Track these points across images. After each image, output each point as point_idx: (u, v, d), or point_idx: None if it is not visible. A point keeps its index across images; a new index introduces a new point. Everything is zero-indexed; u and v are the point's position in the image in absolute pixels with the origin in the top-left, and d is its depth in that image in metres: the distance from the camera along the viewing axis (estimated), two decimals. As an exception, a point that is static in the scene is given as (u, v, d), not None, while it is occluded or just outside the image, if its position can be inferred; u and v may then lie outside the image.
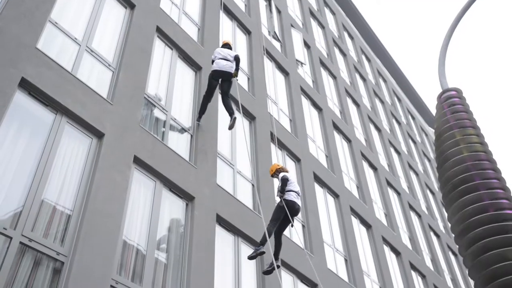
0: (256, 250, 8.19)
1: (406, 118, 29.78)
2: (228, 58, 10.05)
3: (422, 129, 32.23)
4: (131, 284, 7.22)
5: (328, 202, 14.58)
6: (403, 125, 27.73)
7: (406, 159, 24.61)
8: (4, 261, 5.75)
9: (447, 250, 22.93)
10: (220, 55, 10.08)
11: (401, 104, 30.45)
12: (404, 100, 31.39)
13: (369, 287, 14.08)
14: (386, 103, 26.79)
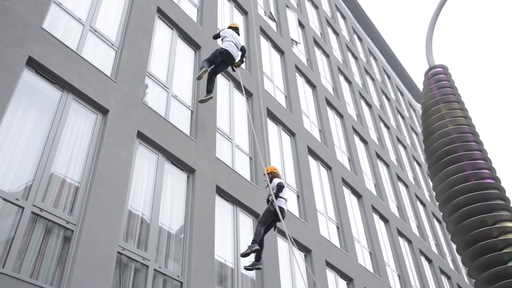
0: (251, 248, 7.92)
1: (395, 95, 29.69)
2: (237, 45, 9.72)
3: (410, 105, 32.17)
4: (136, 250, 7.30)
5: (321, 173, 14.65)
6: (392, 101, 27.67)
7: (395, 133, 24.64)
8: (18, 230, 5.81)
9: (432, 217, 23.16)
10: (232, 39, 9.70)
11: (391, 81, 30.32)
12: (393, 78, 31.24)
13: (359, 252, 14.25)
14: (377, 80, 26.67)
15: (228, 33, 9.86)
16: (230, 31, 9.94)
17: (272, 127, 13.24)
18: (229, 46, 9.45)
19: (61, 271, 6.08)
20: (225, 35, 9.84)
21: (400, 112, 28.26)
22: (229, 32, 9.90)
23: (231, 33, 9.87)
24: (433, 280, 18.92)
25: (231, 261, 9.23)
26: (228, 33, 9.86)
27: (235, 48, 9.59)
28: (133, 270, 7.17)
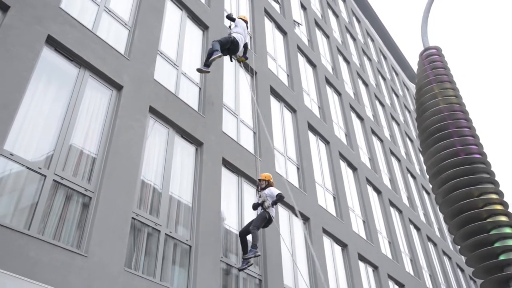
0: (254, 252, 7.86)
1: (391, 74, 29.45)
2: (244, 38, 9.68)
3: (404, 84, 31.93)
4: (149, 216, 7.40)
5: (320, 148, 14.68)
6: (387, 81, 27.46)
7: (389, 110, 24.54)
8: (41, 196, 5.89)
9: (421, 189, 23.29)
10: (243, 33, 9.63)
11: (386, 62, 30.03)
12: (389, 58, 30.92)
13: (354, 220, 14.40)
14: (373, 61, 26.41)
15: (241, 26, 9.76)
16: (244, 25, 9.84)
17: (274, 103, 13.21)
18: (240, 39, 9.45)
19: (81, 234, 6.19)
20: (238, 25, 9.74)
21: (394, 91, 28.08)
22: (243, 26, 9.79)
23: (244, 27, 9.78)
24: (420, 246, 19.16)
25: (236, 227, 9.35)
26: (241, 26, 9.76)
27: (242, 42, 9.59)
28: (146, 234, 7.29)
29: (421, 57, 9.79)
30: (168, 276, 7.29)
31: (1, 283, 4.87)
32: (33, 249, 5.34)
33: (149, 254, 7.17)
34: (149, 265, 7.07)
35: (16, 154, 5.83)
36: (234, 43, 9.35)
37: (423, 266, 18.21)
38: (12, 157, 5.77)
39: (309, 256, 11.09)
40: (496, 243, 7.57)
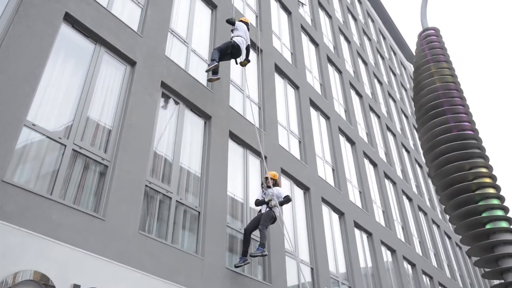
0: (262, 251, 7.55)
1: (389, 54, 29.04)
2: (246, 41, 9.21)
3: (402, 64, 31.52)
4: (161, 184, 7.47)
5: (320, 122, 14.65)
6: (386, 60, 27.10)
7: (387, 88, 24.33)
8: (61, 164, 5.95)
9: (414, 163, 23.32)
10: (244, 35, 9.14)
11: (385, 42, 29.56)
12: (388, 38, 30.43)
13: (351, 190, 14.50)
14: (373, 40, 26.01)
15: (242, 29, 9.29)
16: (244, 27, 9.37)
17: (278, 80, 13.11)
18: (241, 42, 8.98)
19: (99, 199, 6.27)
20: (239, 28, 9.27)
21: (392, 69, 27.76)
22: (243, 28, 9.32)
23: (244, 30, 9.31)
24: (411, 215, 19.33)
25: (241, 196, 9.44)
26: (242, 29, 9.29)
27: (244, 45, 9.12)
28: (158, 200, 7.38)
29: (419, 37, 9.65)
30: (178, 239, 7.42)
31: (27, 242, 4.98)
32: (55, 212, 5.44)
33: (161, 219, 7.28)
34: (161, 228, 7.19)
35: (38, 125, 5.86)
36: (235, 47, 8.92)
37: (413, 233, 18.42)
38: (34, 127, 5.81)
39: (308, 223, 11.22)
40: (484, 213, 7.65)
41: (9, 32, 5.83)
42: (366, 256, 13.66)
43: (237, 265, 7.58)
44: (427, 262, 18.15)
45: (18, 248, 4.86)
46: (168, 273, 6.57)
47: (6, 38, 5.75)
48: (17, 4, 6.12)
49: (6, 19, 5.94)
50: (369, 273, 13.40)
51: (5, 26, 5.89)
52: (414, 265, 16.76)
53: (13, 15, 5.99)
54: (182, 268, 6.87)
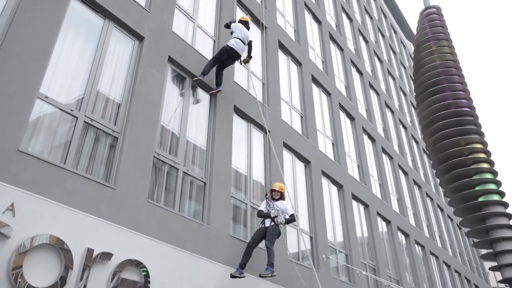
0: (271, 271, 6.87)
1: (389, 32, 28.53)
2: (244, 40, 8.67)
3: (402, 42, 31.01)
4: (169, 156, 7.49)
5: (322, 99, 14.54)
6: (386, 38, 26.65)
7: (386, 66, 24.02)
8: (73, 135, 5.95)
9: (411, 139, 23.27)
10: (239, 35, 8.64)
11: (386, 20, 28.99)
12: (389, 17, 29.82)
13: (349, 164, 14.53)
14: (374, 19, 25.50)
15: (237, 28, 8.83)
16: (239, 26, 8.90)
17: (282, 57, 12.94)
18: (234, 43, 8.48)
19: (109, 169, 6.30)
20: (234, 29, 8.83)
21: (392, 48, 27.33)
22: (238, 27, 8.86)
23: (240, 28, 8.83)
24: (407, 189, 19.43)
25: (245, 169, 9.47)
26: (237, 28, 8.83)
27: (241, 45, 8.59)
28: (166, 171, 7.41)
29: (421, 15, 9.45)
30: (185, 208, 7.48)
31: (43, 208, 5.04)
32: (69, 181, 5.47)
33: (169, 188, 7.33)
34: (169, 198, 7.24)
35: (50, 97, 5.83)
36: (230, 51, 8.46)
37: (408, 206, 18.56)
38: (47, 100, 5.78)
39: (308, 194, 11.30)
40: (477, 187, 7.66)
41: (20, 8, 5.72)
42: (363, 226, 13.80)
43: (233, 275, 6.88)
44: (420, 233, 18.36)
45: (34, 214, 4.92)
46: (176, 239, 6.67)
47: (17, 14, 5.65)
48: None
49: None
50: (365, 242, 13.58)
51: (16, 1, 5.77)
52: (407, 235, 16.96)
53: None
54: (188, 235, 6.96)
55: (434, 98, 8.27)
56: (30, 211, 4.88)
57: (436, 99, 8.26)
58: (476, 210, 7.73)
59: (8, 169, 4.88)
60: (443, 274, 19.42)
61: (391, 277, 14.16)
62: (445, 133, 8.03)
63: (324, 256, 10.53)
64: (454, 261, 21.78)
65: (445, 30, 8.96)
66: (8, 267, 4.52)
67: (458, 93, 8.21)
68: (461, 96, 8.26)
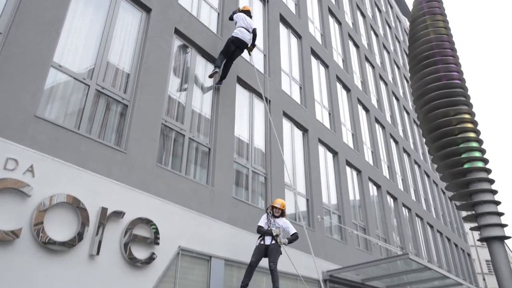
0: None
1: (386, 7, 27.77)
2: (248, 29, 8.33)
3: (397, 17, 30.24)
4: (175, 123, 7.47)
5: (320, 70, 14.34)
6: (382, 13, 25.98)
7: (382, 40, 23.54)
8: (86, 102, 5.90)
9: (402, 110, 23.13)
10: (243, 24, 8.32)
11: (383, -5, 28.18)
12: (386, -8, 28.97)
13: (344, 133, 14.52)
14: (371, -6, 24.78)
15: (240, 18, 8.52)
16: (241, 15, 8.58)
17: (283, 30, 12.66)
18: (239, 33, 8.17)
19: (120, 135, 6.29)
20: (237, 19, 8.53)
21: (388, 22, 26.69)
22: (241, 16, 8.54)
23: (242, 17, 8.51)
24: (397, 156, 19.51)
25: (247, 137, 9.46)
26: (240, 18, 8.52)
27: (246, 33, 8.26)
28: (173, 137, 7.41)
29: (418, -10, 9.15)
30: (191, 171, 7.54)
31: (60, 170, 5.07)
32: (83, 145, 5.48)
33: (176, 153, 7.35)
34: (176, 162, 7.28)
35: (64, 66, 5.74)
36: (236, 41, 8.16)
37: (397, 172, 18.69)
38: (61, 68, 5.69)
39: (305, 160, 11.36)
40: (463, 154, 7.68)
41: (32, -23, 5.53)
42: (355, 190, 13.96)
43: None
44: (407, 196, 18.60)
45: (52, 175, 4.96)
46: (182, 200, 6.75)
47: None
48: (38, -51, 5.75)
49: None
50: (357, 205, 13.77)
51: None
52: (396, 198, 17.18)
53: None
54: (194, 196, 7.05)
55: (427, 70, 8.14)
56: (48, 173, 4.92)
57: (429, 72, 8.13)
58: (461, 175, 7.78)
59: (27, 133, 4.88)
60: (427, 233, 19.82)
61: (380, 236, 14.46)
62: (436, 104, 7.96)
63: (319, 217, 10.70)
64: (437, 222, 22.19)
65: (440, 4, 8.71)
66: (31, 223, 4.60)
67: (450, 66, 8.08)
68: (452, 68, 8.13)
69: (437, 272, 10.08)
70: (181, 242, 6.42)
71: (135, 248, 5.62)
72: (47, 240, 4.66)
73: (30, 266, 4.50)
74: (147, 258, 5.74)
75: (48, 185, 4.87)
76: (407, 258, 8.60)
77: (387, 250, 14.47)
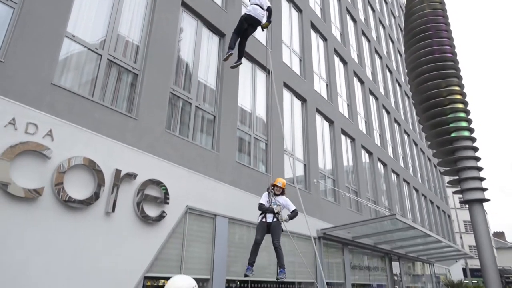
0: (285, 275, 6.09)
1: (383, -18, 26.77)
2: (262, 5, 7.56)
3: (394, -8, 29.23)
4: (183, 91, 7.38)
5: (319, 43, 14.01)
6: (380, -12, 25.07)
7: (378, 15, 22.84)
8: (99, 72, 5.81)
9: (395, 82, 22.82)
10: (257, 0, 7.56)
11: (381, -30, 27.06)
12: (384, -33, 27.81)
13: (340, 103, 14.39)
14: (370, -31, 23.79)
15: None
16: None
17: (284, 4, 12.25)
18: (252, 10, 7.44)
19: (131, 102, 6.24)
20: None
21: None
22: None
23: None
24: (388, 126, 19.44)
25: (249, 107, 9.38)
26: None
27: (259, 10, 7.49)
28: (181, 105, 7.35)
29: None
30: (197, 137, 7.53)
31: (76, 135, 5.07)
32: (97, 112, 5.44)
33: (183, 120, 7.32)
34: (183, 128, 7.26)
35: (77, 36, 5.61)
36: (249, 19, 7.42)
37: (388, 140, 18.70)
38: (74, 38, 5.56)
39: (304, 128, 11.33)
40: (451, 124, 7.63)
41: None
42: (349, 157, 14.02)
43: (246, 275, 6.00)
44: (396, 163, 18.70)
45: (69, 139, 4.96)
46: (190, 163, 6.79)
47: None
48: None
49: None
50: (350, 170, 13.88)
51: None
52: (385, 164, 17.29)
53: None
54: (201, 160, 7.09)
55: (421, 44, 7.95)
56: (66, 137, 4.92)
57: (423, 45, 7.94)
58: (448, 143, 7.77)
59: (45, 100, 4.84)
60: (412, 197, 20.10)
61: (370, 198, 14.67)
62: (428, 76, 7.82)
63: (315, 181, 10.81)
64: (422, 186, 22.45)
65: (436, -21, 8.39)
66: (52, 183, 4.65)
67: (443, 40, 7.88)
68: (445, 42, 7.93)
69: (420, 231, 10.31)
70: (188, 202, 6.52)
71: (147, 207, 5.71)
72: (67, 198, 4.73)
73: (53, 221, 4.60)
74: (158, 216, 5.84)
75: (66, 148, 4.88)
76: (394, 218, 8.76)
77: (376, 211, 14.72)
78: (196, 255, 6.55)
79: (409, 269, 17.09)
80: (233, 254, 7.33)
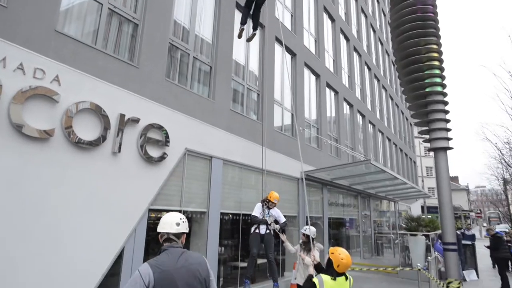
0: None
1: None
2: None
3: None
4: (181, 42, 7.06)
5: (309, 1, 13.28)
6: None
7: (367, -27, 21.51)
8: (100, 22, 5.45)
9: (377, 41, 22.16)
10: None
11: None
12: None
13: (327, 59, 14.03)
14: None
15: None
16: None
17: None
18: None
19: (132, 51, 5.96)
20: None
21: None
22: None
23: None
24: (368, 81, 19.22)
25: (243, 61, 9.08)
26: None
27: None
28: (179, 55, 7.07)
29: None
30: (195, 86, 7.35)
31: (82, 80, 4.88)
32: (100, 59, 5.20)
33: (182, 70, 7.08)
34: (182, 77, 7.05)
35: (76, -17, 5.17)
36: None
37: (367, 94, 18.59)
38: (73, -15, 5.13)
39: (293, 81, 11.12)
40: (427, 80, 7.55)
41: None
42: (332, 108, 13.99)
43: None
44: (373, 115, 18.80)
45: (75, 85, 4.78)
46: (188, 110, 6.69)
47: None
48: None
49: None
50: (332, 121, 13.93)
51: None
52: (364, 116, 17.37)
53: None
54: (198, 107, 6.98)
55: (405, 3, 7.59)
56: (72, 82, 4.73)
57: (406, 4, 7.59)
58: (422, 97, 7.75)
59: (50, 46, 4.57)
60: (385, 145, 20.52)
61: (348, 145, 14.92)
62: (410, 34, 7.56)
63: (300, 128, 10.86)
64: (394, 136, 22.84)
65: None
66: (62, 126, 4.56)
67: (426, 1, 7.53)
68: (428, 2, 7.58)
69: (390, 174, 10.65)
70: (187, 145, 6.53)
71: (150, 148, 5.71)
72: (77, 140, 4.67)
73: (65, 159, 4.58)
74: (160, 156, 5.87)
75: (73, 93, 4.72)
76: (369, 163, 8.98)
77: (353, 156, 15.07)
78: (194, 191, 6.71)
79: (376, 206, 17.96)
80: (226, 191, 7.54)
